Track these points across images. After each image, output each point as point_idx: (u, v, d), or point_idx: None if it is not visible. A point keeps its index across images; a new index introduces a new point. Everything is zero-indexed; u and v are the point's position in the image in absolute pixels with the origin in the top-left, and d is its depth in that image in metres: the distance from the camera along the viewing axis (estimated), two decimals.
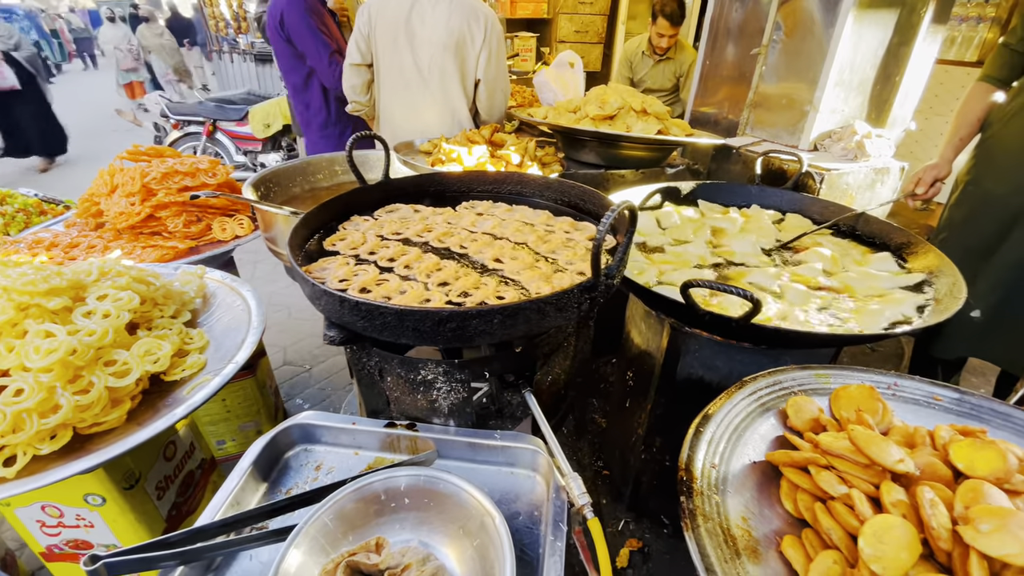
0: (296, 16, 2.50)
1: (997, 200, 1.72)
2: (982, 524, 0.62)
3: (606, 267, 0.82)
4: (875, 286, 1.30)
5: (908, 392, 0.95)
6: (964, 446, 0.74)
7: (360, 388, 0.98)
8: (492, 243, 1.04)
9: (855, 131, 1.98)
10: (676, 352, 1.47)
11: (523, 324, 0.75)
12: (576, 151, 2.15)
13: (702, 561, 0.63)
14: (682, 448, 0.80)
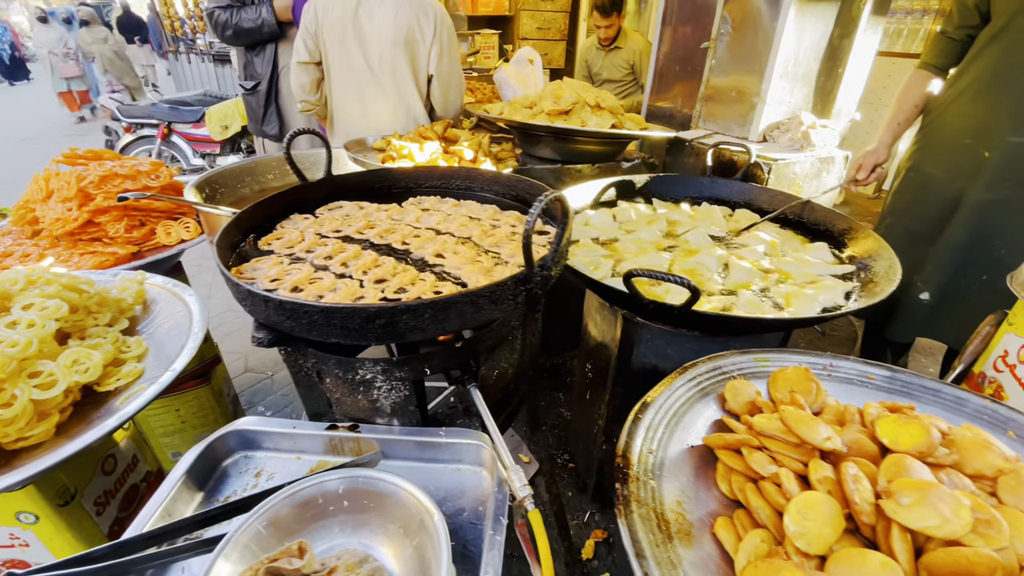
0: None
1: (938, 185, 1.78)
2: (903, 497, 0.63)
3: (541, 259, 0.81)
4: (809, 272, 1.34)
5: (843, 372, 0.97)
6: (890, 422, 0.77)
7: (299, 391, 0.96)
8: (435, 239, 1.03)
9: (801, 122, 2.04)
10: (630, 343, 1.48)
11: (457, 318, 0.74)
12: (533, 146, 2.15)
13: (633, 547, 0.64)
14: (620, 436, 0.80)
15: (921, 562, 0.60)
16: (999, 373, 1.24)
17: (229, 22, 2.66)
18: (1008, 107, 1.57)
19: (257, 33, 2.69)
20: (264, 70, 2.83)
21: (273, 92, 2.79)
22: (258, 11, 2.64)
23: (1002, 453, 0.72)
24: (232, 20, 2.66)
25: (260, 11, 2.63)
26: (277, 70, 2.75)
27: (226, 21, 2.66)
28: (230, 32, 2.70)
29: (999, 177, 1.61)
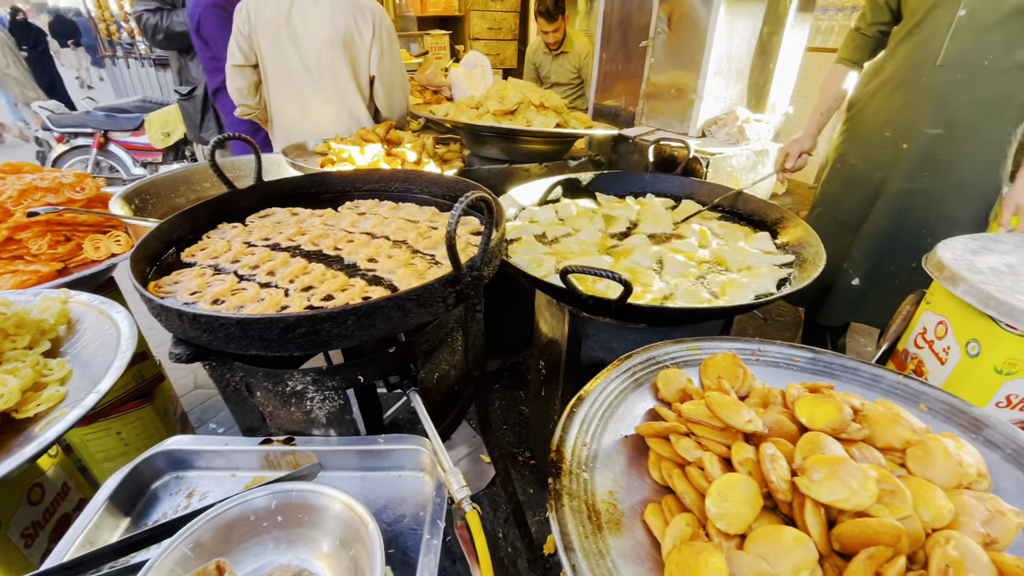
0: (214, 19, 2.38)
1: (861, 175, 1.88)
2: (815, 473, 0.66)
3: (470, 260, 0.81)
4: (746, 261, 1.39)
5: (770, 356, 1.01)
6: (807, 402, 0.80)
7: (229, 406, 0.93)
8: (368, 243, 1.01)
9: (737, 117, 2.11)
10: (577, 338, 1.50)
11: (383, 323, 0.73)
12: (480, 147, 2.15)
13: (562, 540, 0.64)
14: (555, 430, 0.81)
15: (832, 533, 0.63)
16: (919, 349, 1.32)
17: (159, 26, 2.57)
18: (923, 101, 1.67)
19: (188, 37, 2.58)
20: (200, 75, 2.73)
21: (210, 97, 2.69)
22: (187, 14, 2.53)
23: (910, 425, 0.77)
24: (162, 24, 2.57)
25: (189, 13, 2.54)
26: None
27: (156, 25, 2.57)
28: (161, 36, 2.61)
29: (917, 167, 1.72)
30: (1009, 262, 1.23)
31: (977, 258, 1.23)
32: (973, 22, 1.55)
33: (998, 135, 1.60)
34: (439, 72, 3.40)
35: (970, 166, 1.63)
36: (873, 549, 0.58)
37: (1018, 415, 1.14)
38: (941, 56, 1.59)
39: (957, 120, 1.61)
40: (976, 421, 0.83)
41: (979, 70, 1.56)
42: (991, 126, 1.59)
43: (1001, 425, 0.82)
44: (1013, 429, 0.81)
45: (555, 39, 3.65)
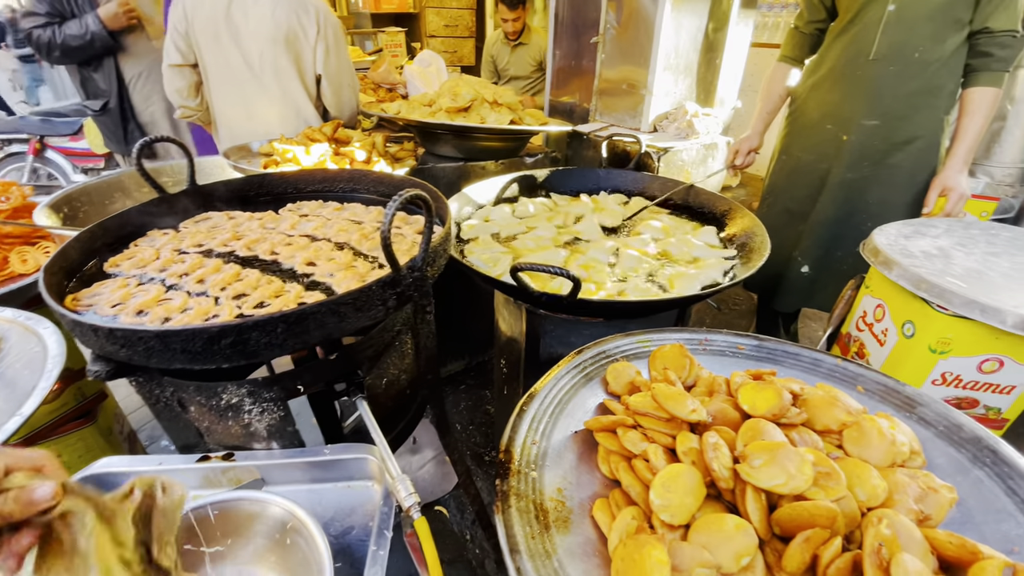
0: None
1: (806, 167, 1.94)
2: (755, 460, 0.67)
3: (410, 260, 0.79)
4: (693, 254, 1.41)
5: (716, 345, 1.03)
6: (749, 389, 0.81)
7: (162, 424, 0.88)
8: (308, 246, 0.97)
9: (686, 111, 2.15)
10: (535, 335, 1.50)
11: (317, 330, 0.70)
12: (434, 145, 2.11)
13: (508, 542, 0.63)
14: (504, 431, 0.80)
15: (772, 518, 0.64)
16: (861, 332, 1.37)
17: (53, 42, 2.26)
18: (859, 94, 1.73)
19: (88, 48, 2.33)
20: (109, 85, 2.49)
21: (128, 108, 2.49)
22: (83, 25, 2.26)
23: (846, 407, 0.79)
24: (56, 39, 2.26)
25: (86, 24, 2.26)
26: (124, 83, 2.46)
27: (50, 41, 2.26)
28: (57, 53, 2.32)
29: (857, 158, 1.78)
30: (940, 245, 1.29)
31: (910, 242, 1.28)
32: (902, 16, 1.62)
33: (931, 123, 1.68)
34: (393, 70, 3.34)
35: (906, 154, 1.71)
36: (809, 532, 0.59)
37: (953, 392, 1.19)
38: (874, 50, 1.65)
39: (892, 111, 1.68)
40: (909, 400, 0.87)
41: (910, 62, 1.63)
42: (924, 115, 1.66)
43: (933, 403, 0.85)
44: (945, 407, 0.84)
45: (515, 28, 3.62)
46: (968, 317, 1.06)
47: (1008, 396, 1.17)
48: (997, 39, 1.53)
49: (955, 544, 0.59)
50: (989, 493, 0.72)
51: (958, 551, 0.59)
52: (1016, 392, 1.16)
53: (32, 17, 2.26)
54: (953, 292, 1.07)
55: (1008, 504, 0.70)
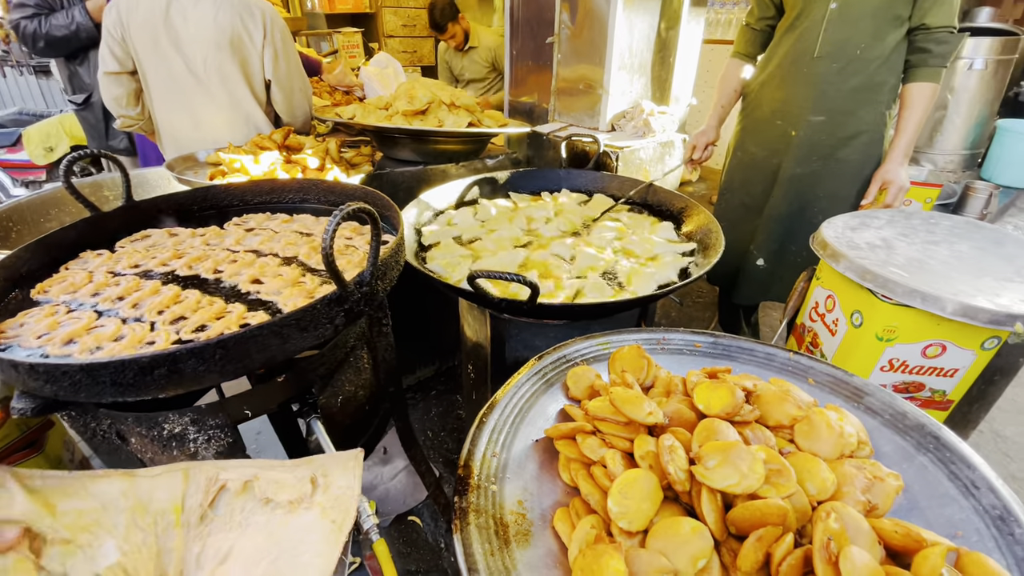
0: None
1: (759, 163, 1.99)
2: (709, 460, 0.68)
3: (358, 275, 0.77)
4: (652, 251, 1.43)
5: (674, 344, 1.04)
6: (704, 388, 0.82)
7: (101, 457, 0.83)
8: (253, 262, 0.93)
9: (642, 110, 2.18)
10: (500, 339, 1.49)
11: (259, 354, 0.67)
12: (392, 149, 2.08)
13: (466, 561, 0.62)
14: (464, 444, 0.79)
15: (727, 518, 0.64)
16: (814, 323, 1.41)
17: (39, 32, 2.32)
18: (805, 90, 1.78)
19: (73, 40, 2.38)
20: (93, 79, 2.51)
21: None
22: (69, 15, 2.33)
23: (796, 402, 0.81)
24: (42, 30, 2.32)
25: (72, 14, 2.33)
26: None
27: (35, 32, 2.31)
28: (42, 44, 2.36)
29: (806, 153, 1.84)
30: (884, 236, 1.33)
31: (856, 234, 1.32)
32: (844, 14, 1.67)
33: (874, 118, 1.74)
34: (349, 72, 3.27)
35: (851, 148, 1.77)
36: (761, 531, 0.60)
37: (900, 377, 1.24)
38: (818, 48, 1.70)
39: (836, 107, 1.73)
40: (857, 390, 0.89)
41: (852, 59, 1.69)
42: (867, 110, 1.73)
43: (879, 392, 0.88)
44: (890, 395, 0.87)
45: (457, 42, 3.65)
46: (911, 305, 1.11)
47: (951, 379, 1.22)
48: (934, 35, 1.59)
49: (900, 533, 0.61)
50: (933, 479, 0.75)
51: (903, 540, 0.61)
52: (959, 375, 1.22)
53: (21, 8, 2.29)
54: (896, 282, 1.11)
55: (951, 489, 0.73)
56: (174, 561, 0.65)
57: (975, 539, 0.67)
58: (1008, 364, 1.43)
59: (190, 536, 0.67)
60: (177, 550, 0.66)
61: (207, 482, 0.70)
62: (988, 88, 4.63)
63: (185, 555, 0.65)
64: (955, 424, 1.55)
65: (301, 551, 0.69)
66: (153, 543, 0.66)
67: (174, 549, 0.66)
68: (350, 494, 0.70)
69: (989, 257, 1.24)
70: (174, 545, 0.66)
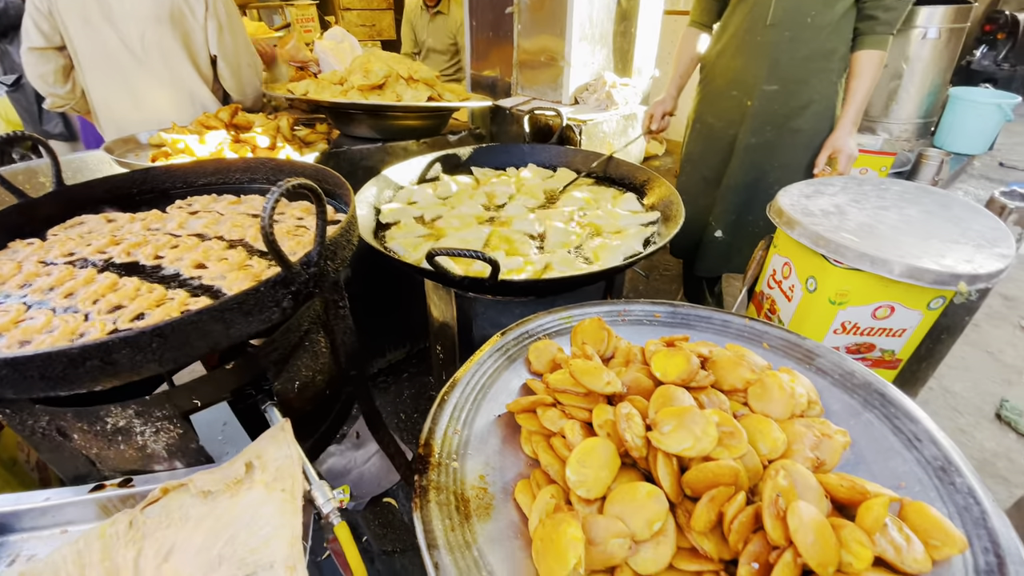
0: None
1: (717, 134, 1.99)
2: (664, 426, 0.69)
3: (305, 255, 0.74)
4: (617, 224, 1.43)
5: (635, 315, 1.05)
6: (661, 356, 0.83)
7: (43, 456, 0.79)
8: (197, 246, 0.89)
9: (605, 82, 2.15)
10: (467, 318, 1.48)
11: (201, 340, 0.64)
12: (348, 126, 2.01)
13: (426, 538, 0.62)
14: (425, 423, 0.78)
15: (682, 481, 0.66)
16: (771, 290, 1.45)
17: None
18: (759, 60, 1.79)
19: (3, 18, 2.27)
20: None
21: None
22: None
23: (750, 366, 0.82)
24: None
25: None
26: None
27: None
28: None
29: (761, 123, 1.85)
30: (837, 203, 1.36)
31: (810, 202, 1.35)
32: None
33: (825, 87, 1.77)
34: (302, 46, 3.12)
35: (804, 117, 1.79)
36: (714, 491, 0.61)
37: (852, 339, 1.29)
38: (770, 16, 1.70)
39: (789, 75, 1.75)
40: (809, 352, 0.92)
41: (803, 27, 1.69)
42: (819, 79, 1.75)
43: (829, 353, 0.91)
44: (840, 356, 0.90)
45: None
46: (861, 269, 1.14)
47: (900, 339, 1.27)
48: (882, 2, 1.61)
49: (846, 486, 0.63)
50: (878, 433, 0.78)
51: (849, 493, 0.63)
52: (907, 334, 1.27)
53: None
54: (847, 247, 1.14)
55: (895, 443, 0.76)
56: (102, 574, 0.63)
57: (917, 489, 0.70)
58: (954, 323, 1.50)
59: (119, 544, 0.64)
60: (104, 561, 0.64)
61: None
62: (941, 57, 4.76)
63: (120, 564, 0.63)
64: (905, 382, 1.63)
65: (260, 525, 0.68)
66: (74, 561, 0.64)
67: (98, 562, 0.63)
68: (290, 462, 0.69)
69: (936, 220, 1.29)
70: (97, 559, 0.63)
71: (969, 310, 1.47)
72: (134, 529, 0.71)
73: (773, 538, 0.57)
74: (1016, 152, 5.92)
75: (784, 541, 0.57)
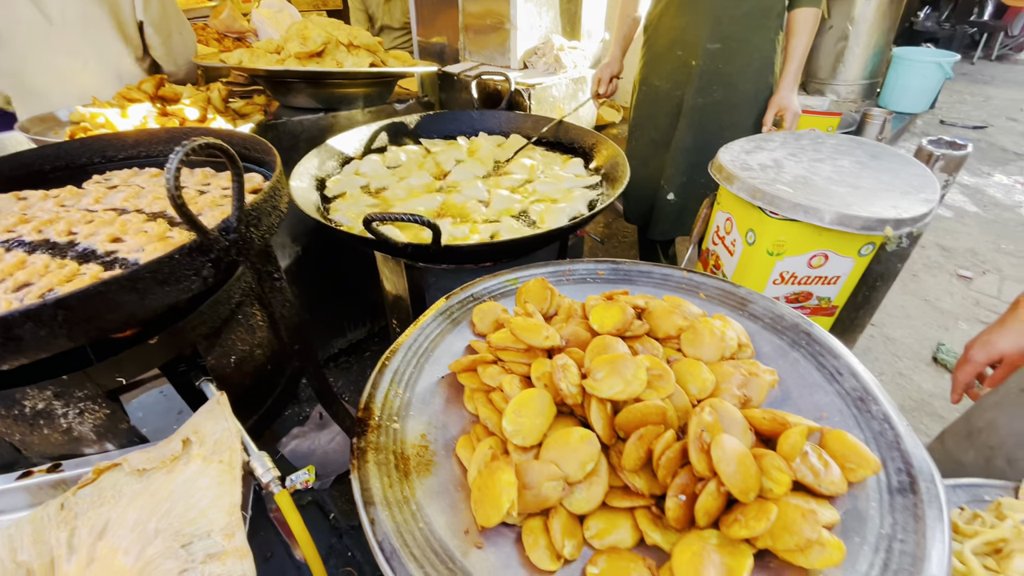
0: None
1: (663, 96, 1.99)
2: (598, 373, 0.70)
3: (223, 221, 0.71)
4: (562, 188, 1.43)
5: (579, 274, 1.05)
6: (598, 309, 0.84)
7: None
8: (114, 220, 0.84)
9: (552, 45, 2.12)
10: (419, 289, 1.46)
11: (113, 312, 0.61)
12: (287, 96, 1.92)
13: (362, 496, 0.62)
14: (365, 388, 0.78)
15: (615, 423, 0.67)
16: (716, 246, 1.48)
17: None
18: (701, 18, 1.78)
19: None
20: None
21: None
22: None
23: (683, 314, 0.85)
24: None
25: None
26: None
27: None
28: None
29: (706, 82, 1.86)
30: (775, 157, 1.40)
31: (750, 157, 1.38)
32: None
33: (764, 45, 1.78)
34: (238, 16, 2.96)
35: (746, 76, 1.81)
36: (642, 429, 0.63)
37: (791, 288, 1.34)
38: None
39: (730, 34, 1.76)
40: (742, 300, 0.95)
41: None
42: (758, 37, 1.76)
43: (761, 299, 0.94)
44: (770, 301, 0.93)
45: None
46: (795, 219, 1.18)
47: (835, 286, 1.33)
48: None
49: (768, 419, 0.66)
50: (804, 370, 0.81)
51: (771, 424, 0.66)
52: (841, 281, 1.33)
53: None
54: (782, 198, 1.18)
55: (819, 378, 0.80)
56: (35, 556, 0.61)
57: (837, 419, 0.74)
58: (887, 270, 1.58)
59: (51, 525, 0.62)
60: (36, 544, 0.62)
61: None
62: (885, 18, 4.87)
63: (52, 544, 0.61)
64: (844, 329, 1.71)
65: (197, 497, 0.67)
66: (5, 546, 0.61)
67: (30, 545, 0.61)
68: (228, 434, 0.67)
69: (867, 170, 1.33)
70: (29, 541, 0.61)
71: (901, 257, 1.55)
72: (66, 511, 0.69)
73: (698, 470, 0.59)
74: (956, 110, 6.19)
75: (708, 472, 0.59)
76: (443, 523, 0.61)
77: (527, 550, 0.58)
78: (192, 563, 0.63)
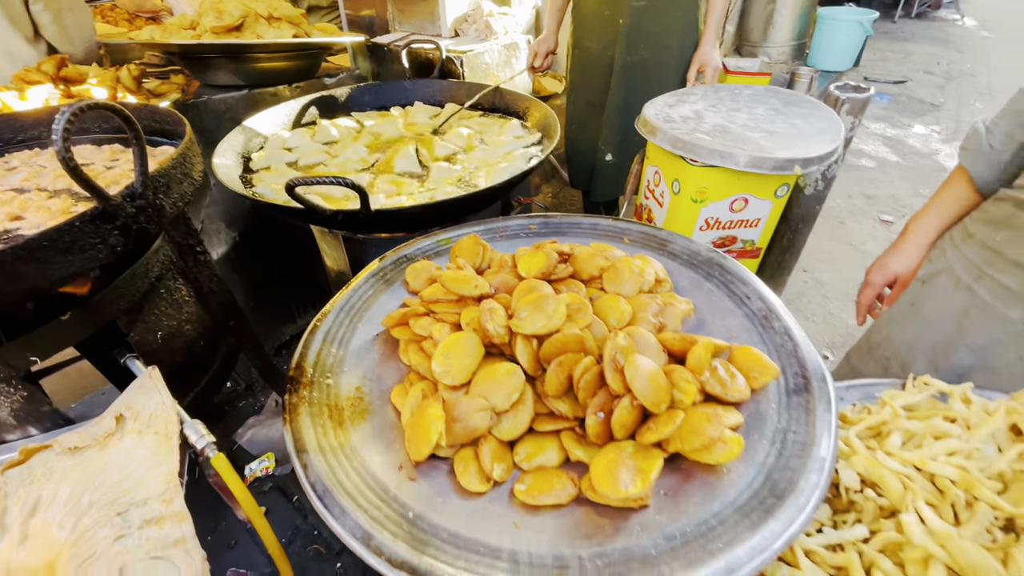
0: None
1: (595, 57, 2.02)
2: (522, 312, 0.73)
3: (128, 187, 0.69)
4: (501, 151, 1.44)
5: (511, 230, 1.08)
6: (525, 257, 0.87)
7: None
8: (13, 200, 0.80)
9: (482, 11, 2.10)
10: (359, 262, 1.46)
11: (11, 284, 0.59)
12: (207, 74, 1.83)
13: (295, 445, 0.63)
14: (296, 348, 0.78)
15: (539, 355, 0.71)
16: (647, 200, 1.54)
17: None
18: None
19: None
20: None
21: None
22: None
23: (605, 255, 0.89)
24: None
25: None
26: None
27: None
28: None
29: (634, 40, 1.89)
30: (696, 109, 1.45)
31: (672, 110, 1.43)
32: None
33: (688, 3, 1.83)
34: None
35: (672, 34, 1.86)
36: (562, 357, 0.67)
37: (716, 234, 1.41)
38: None
39: None
40: (663, 241, 1.00)
41: None
42: None
43: (679, 239, 0.99)
44: (688, 240, 0.99)
45: None
46: (714, 165, 1.24)
47: (756, 229, 1.41)
48: None
49: (679, 340, 0.71)
50: (717, 299, 0.87)
51: (682, 344, 0.71)
52: (761, 223, 1.41)
53: None
54: (701, 146, 1.23)
55: (730, 304, 0.86)
56: None
57: (745, 337, 0.80)
58: (807, 213, 1.69)
59: None
60: None
61: None
62: None
63: None
64: (774, 272, 1.82)
65: (132, 467, 0.66)
66: None
67: None
68: (163, 407, 0.67)
69: (780, 116, 1.41)
70: None
71: (818, 199, 1.66)
72: None
73: (614, 388, 0.64)
74: (879, 67, 6.52)
75: (623, 389, 0.63)
76: (378, 462, 0.63)
77: (458, 476, 0.61)
78: (128, 529, 0.63)
